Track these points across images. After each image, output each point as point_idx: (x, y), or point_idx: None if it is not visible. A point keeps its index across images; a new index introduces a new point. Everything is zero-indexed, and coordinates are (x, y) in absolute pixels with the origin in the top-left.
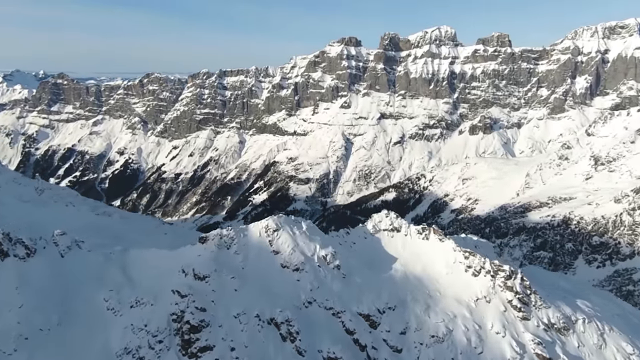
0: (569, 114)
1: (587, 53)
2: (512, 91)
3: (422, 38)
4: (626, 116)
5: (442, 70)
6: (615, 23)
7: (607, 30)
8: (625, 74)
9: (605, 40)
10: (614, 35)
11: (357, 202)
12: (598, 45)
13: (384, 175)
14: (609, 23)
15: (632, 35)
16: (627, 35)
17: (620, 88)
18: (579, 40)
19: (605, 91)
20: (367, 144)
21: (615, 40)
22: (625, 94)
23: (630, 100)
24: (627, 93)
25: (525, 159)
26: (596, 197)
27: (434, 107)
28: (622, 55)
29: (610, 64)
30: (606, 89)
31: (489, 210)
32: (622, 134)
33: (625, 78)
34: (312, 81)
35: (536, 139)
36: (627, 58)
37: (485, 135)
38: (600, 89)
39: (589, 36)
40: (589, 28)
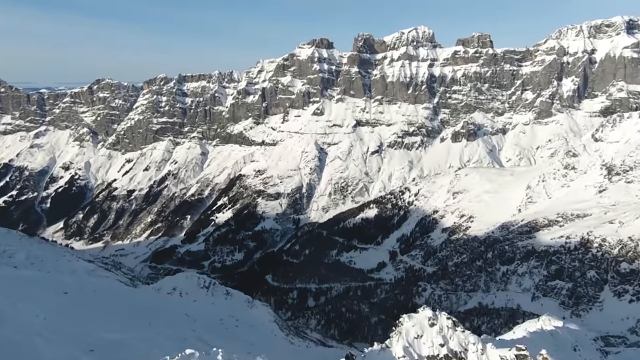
0: (556, 118)
1: (573, 53)
2: (496, 95)
3: (399, 39)
4: (638, 118)
5: (421, 73)
6: (601, 21)
7: (592, 29)
8: (614, 75)
9: (592, 40)
10: (600, 34)
11: (334, 220)
12: (584, 44)
13: (361, 188)
14: (594, 21)
15: (619, 34)
16: (614, 34)
17: (610, 90)
18: (563, 40)
19: (594, 93)
20: (342, 154)
21: (602, 39)
22: (615, 96)
23: (621, 103)
24: (617, 95)
25: (522, 169)
26: (616, 213)
27: (413, 113)
28: (610, 55)
29: (598, 64)
30: (594, 91)
31: (488, 230)
32: (636, 138)
33: (614, 79)
34: (281, 86)
35: (523, 146)
36: (616, 58)
37: (469, 143)
38: (589, 91)
39: (574, 35)
40: (573, 27)
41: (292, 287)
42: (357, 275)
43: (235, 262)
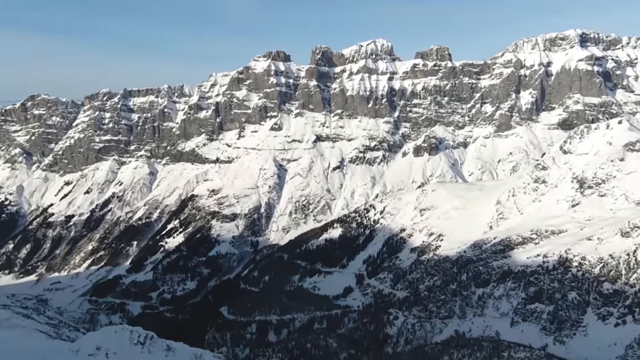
0: (516, 131)
1: (529, 66)
2: (456, 108)
3: (357, 52)
4: (606, 129)
5: (381, 86)
6: (555, 35)
7: (547, 42)
8: (570, 88)
9: (547, 53)
10: (555, 47)
11: (296, 242)
12: (540, 57)
13: (324, 206)
14: (549, 35)
15: (573, 47)
16: (568, 47)
17: (566, 102)
18: (520, 52)
19: (551, 106)
20: (303, 171)
21: (557, 52)
22: (572, 109)
23: (578, 115)
24: (574, 107)
25: (490, 183)
26: (593, 229)
27: (374, 127)
28: (565, 68)
29: (554, 77)
30: (552, 104)
31: (459, 249)
32: (606, 150)
33: (570, 92)
34: (236, 100)
35: (485, 159)
36: (571, 71)
37: (431, 157)
38: (546, 104)
39: (530, 48)
40: (529, 40)
41: (251, 320)
42: (322, 303)
43: (187, 292)
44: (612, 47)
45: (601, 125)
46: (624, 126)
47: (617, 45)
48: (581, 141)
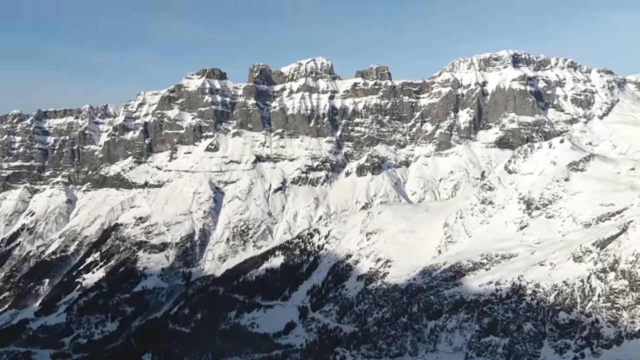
0: (455, 150)
1: (466, 85)
2: (397, 127)
3: (297, 70)
4: (549, 148)
5: (322, 105)
6: (489, 55)
7: (482, 62)
8: (506, 107)
9: (482, 73)
10: (490, 67)
11: (233, 272)
12: (476, 77)
13: (264, 231)
14: (483, 55)
15: (506, 67)
16: (502, 67)
17: (502, 121)
18: (457, 72)
19: (488, 124)
20: (241, 193)
21: (492, 72)
22: (507, 127)
23: (514, 134)
24: (510, 126)
25: (437, 204)
26: (544, 253)
27: (316, 147)
28: (500, 87)
29: (490, 96)
30: (489, 122)
31: (408, 276)
32: (551, 169)
33: (505, 110)
34: (167, 120)
35: (427, 178)
36: (505, 90)
37: (374, 176)
38: (483, 123)
39: (466, 68)
40: (465, 60)
41: None
42: (262, 343)
43: (106, 335)
44: (542, 68)
45: (544, 144)
46: (566, 145)
47: (546, 66)
48: (525, 161)
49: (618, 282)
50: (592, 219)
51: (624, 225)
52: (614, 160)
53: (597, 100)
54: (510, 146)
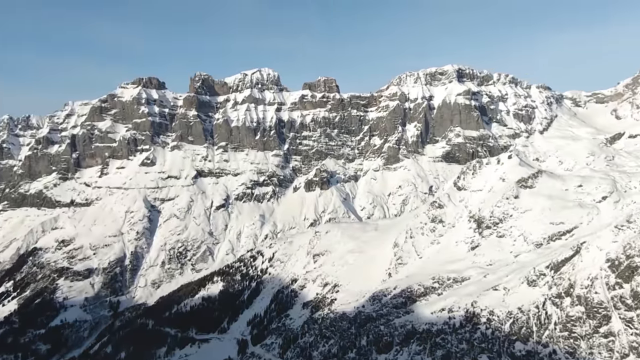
0: (404, 164)
1: (413, 99)
2: (345, 140)
3: (242, 81)
4: (497, 164)
5: (269, 117)
6: (435, 69)
7: (428, 76)
8: (451, 121)
9: (429, 87)
10: (435, 82)
11: (166, 301)
12: (422, 91)
13: (205, 252)
14: (429, 69)
15: (451, 82)
16: (447, 82)
17: (449, 135)
18: (404, 86)
19: (435, 139)
20: (180, 211)
21: (437, 86)
22: (453, 142)
23: (459, 148)
24: (455, 140)
25: (386, 223)
26: (497, 276)
27: (262, 161)
28: (446, 102)
29: (437, 110)
30: (435, 137)
31: (357, 303)
32: (500, 186)
33: (451, 125)
34: (98, 132)
35: (375, 193)
36: (451, 104)
37: (323, 191)
38: (430, 137)
39: (413, 82)
40: (411, 74)
41: None
42: None
43: None
44: (485, 83)
45: (492, 160)
46: (514, 161)
47: (489, 81)
48: (474, 177)
49: (574, 308)
50: (543, 239)
51: (577, 247)
52: (561, 176)
53: (537, 115)
54: (456, 160)
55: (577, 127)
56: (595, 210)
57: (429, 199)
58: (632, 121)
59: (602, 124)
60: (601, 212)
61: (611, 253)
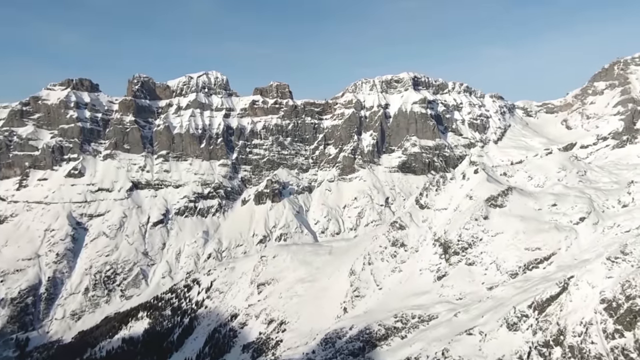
0: (359, 174)
1: (369, 107)
2: (299, 149)
3: (187, 85)
4: (462, 179)
5: (216, 124)
6: (390, 77)
7: (384, 83)
8: (407, 130)
9: (384, 95)
10: (391, 90)
11: (81, 342)
12: (379, 99)
13: (137, 276)
14: (385, 77)
15: (407, 90)
16: (403, 90)
17: (405, 145)
18: (359, 93)
19: (391, 148)
20: (111, 229)
21: (393, 94)
22: (410, 151)
23: (415, 158)
24: (412, 150)
25: (341, 245)
26: (470, 315)
27: (208, 171)
28: (402, 110)
29: (393, 119)
30: (391, 146)
31: (307, 347)
32: (467, 205)
33: (407, 134)
34: (17, 139)
35: (330, 205)
36: (407, 113)
37: (275, 204)
38: (386, 146)
39: (369, 89)
40: (367, 81)
41: None
42: None
43: None
44: (441, 92)
45: (457, 174)
46: (481, 176)
47: (444, 90)
48: (438, 193)
49: None
50: (519, 267)
51: (564, 282)
52: (533, 194)
53: (491, 124)
54: (412, 171)
55: (530, 137)
56: (574, 234)
57: (385, 212)
58: (583, 131)
59: (554, 134)
60: (579, 235)
61: (607, 292)
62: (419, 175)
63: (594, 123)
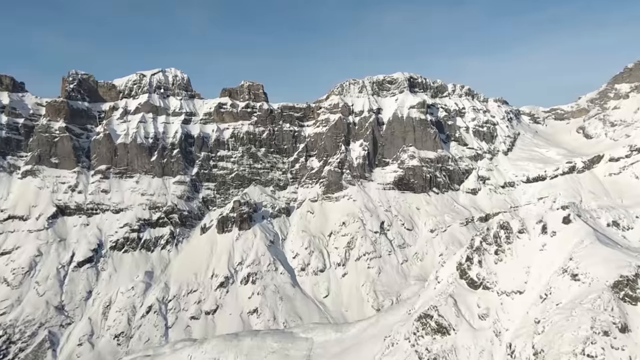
0: (348, 192)
1: (359, 112)
2: (275, 162)
3: (137, 84)
4: (542, 234)
5: (172, 132)
6: (383, 77)
7: (375, 85)
8: (404, 139)
9: (376, 98)
10: (384, 92)
11: None
12: (369, 102)
13: (42, 344)
14: (376, 77)
15: (402, 92)
16: (397, 92)
17: (401, 156)
18: (347, 96)
19: (385, 160)
20: (15, 273)
21: (386, 97)
22: (407, 164)
23: (414, 172)
24: (410, 162)
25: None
26: None
27: (159, 191)
28: (397, 116)
29: (386, 126)
30: (385, 158)
31: None
32: (572, 292)
33: (404, 143)
34: None
35: (313, 232)
36: (404, 119)
37: (243, 232)
38: (379, 158)
39: (357, 91)
40: (355, 82)
41: None
42: None
43: None
44: (440, 95)
45: (528, 225)
46: (581, 231)
47: (444, 92)
48: (500, 259)
49: None
50: None
51: None
52: None
53: (499, 132)
54: (411, 188)
55: (545, 147)
56: None
57: (380, 241)
58: (609, 141)
59: (571, 144)
60: None
61: None
62: (419, 194)
63: (622, 131)
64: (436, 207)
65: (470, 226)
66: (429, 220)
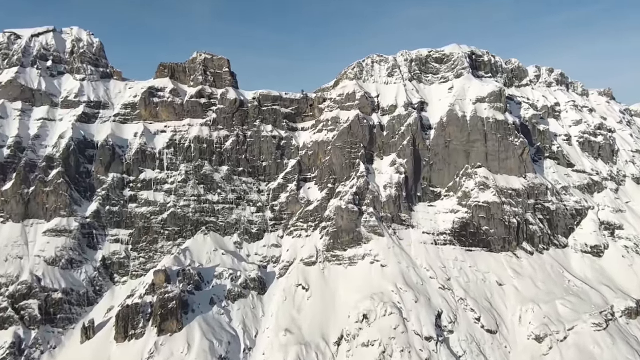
0: (370, 249)
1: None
2: (246, 192)
3: (4, 49)
4: None
5: (54, 136)
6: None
7: (415, 64)
8: (468, 155)
9: (417, 85)
10: (430, 76)
11: None
12: (407, 93)
13: None
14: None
15: (460, 76)
16: (453, 76)
17: (465, 185)
18: (369, 82)
19: (434, 190)
20: None
21: (434, 84)
22: (474, 199)
23: (491, 213)
24: (479, 197)
25: None
26: None
27: (11, 251)
28: (456, 115)
29: (436, 131)
30: (435, 186)
31: None
32: None
33: (468, 163)
34: None
35: (306, 337)
36: (467, 120)
37: (166, 338)
38: (425, 187)
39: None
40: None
41: None
42: None
43: None
44: (517, 83)
45: None
46: None
47: (522, 79)
48: None
49: None
50: None
51: None
52: None
53: (619, 145)
54: (485, 243)
55: None
56: None
57: (440, 355)
58: None
59: None
60: None
61: None
62: (499, 253)
63: None
64: (534, 283)
65: (613, 328)
66: (527, 312)
